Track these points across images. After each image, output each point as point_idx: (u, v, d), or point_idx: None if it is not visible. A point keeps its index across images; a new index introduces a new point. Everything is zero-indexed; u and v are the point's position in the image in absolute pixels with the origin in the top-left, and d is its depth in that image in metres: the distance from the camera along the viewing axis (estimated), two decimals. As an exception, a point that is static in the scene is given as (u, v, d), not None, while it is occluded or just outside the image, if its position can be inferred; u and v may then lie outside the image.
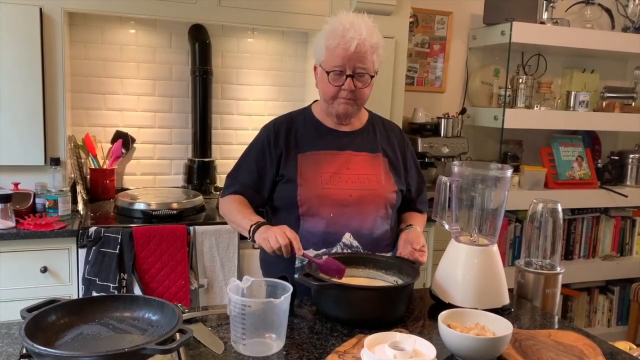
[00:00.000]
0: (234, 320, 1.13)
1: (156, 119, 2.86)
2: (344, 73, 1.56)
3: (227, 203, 1.67)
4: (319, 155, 1.63)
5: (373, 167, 1.66)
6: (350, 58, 1.54)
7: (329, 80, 1.57)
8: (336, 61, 1.55)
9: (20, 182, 2.33)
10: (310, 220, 1.59)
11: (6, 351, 1.10)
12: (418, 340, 1.07)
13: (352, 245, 1.59)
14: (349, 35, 1.52)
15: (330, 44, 1.55)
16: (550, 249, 1.53)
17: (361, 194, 1.61)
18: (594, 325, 3.65)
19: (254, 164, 1.67)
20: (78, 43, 2.67)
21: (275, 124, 1.70)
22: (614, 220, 3.59)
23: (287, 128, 1.67)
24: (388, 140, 1.74)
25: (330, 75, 1.57)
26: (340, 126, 1.68)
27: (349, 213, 1.58)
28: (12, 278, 2.14)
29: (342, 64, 1.55)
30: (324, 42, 1.57)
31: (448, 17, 3.34)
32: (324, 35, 1.58)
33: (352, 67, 1.55)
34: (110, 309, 1.14)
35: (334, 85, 1.57)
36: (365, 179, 1.63)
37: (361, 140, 1.69)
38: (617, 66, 3.75)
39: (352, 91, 1.57)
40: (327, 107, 1.65)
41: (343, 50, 1.53)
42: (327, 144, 1.65)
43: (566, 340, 1.24)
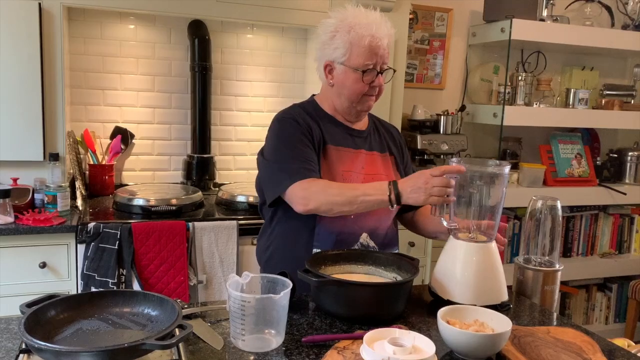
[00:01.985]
0: (234, 316, 1.13)
1: (155, 114, 2.85)
2: (375, 69, 1.53)
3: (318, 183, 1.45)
4: (340, 151, 1.59)
5: (385, 167, 1.65)
6: (381, 55, 1.52)
7: (361, 79, 1.52)
8: (368, 58, 1.51)
9: (19, 178, 2.33)
10: (327, 220, 1.53)
11: (5, 346, 1.10)
12: (417, 337, 1.07)
13: (368, 245, 1.59)
14: (382, 32, 1.50)
15: (359, 41, 1.49)
16: (549, 246, 1.53)
17: None
18: (592, 323, 3.66)
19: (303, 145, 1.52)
20: (77, 38, 2.66)
21: (293, 113, 1.59)
22: (613, 217, 3.60)
23: (308, 118, 1.58)
24: (391, 139, 1.74)
25: (364, 73, 1.52)
26: (350, 123, 1.65)
27: (366, 214, 1.55)
28: (11, 273, 2.14)
29: (375, 61, 1.52)
30: (345, 39, 1.50)
31: (448, 14, 3.34)
32: (343, 31, 1.51)
33: (381, 64, 1.53)
34: (110, 304, 1.14)
35: (366, 83, 1.53)
36: (378, 179, 1.61)
37: (371, 139, 1.68)
38: (616, 64, 3.75)
39: (380, 87, 1.57)
40: (348, 105, 1.59)
41: (376, 47, 1.50)
42: (345, 141, 1.61)
43: (565, 337, 1.25)
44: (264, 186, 1.59)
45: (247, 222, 2.38)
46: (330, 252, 1.51)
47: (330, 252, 1.51)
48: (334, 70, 1.57)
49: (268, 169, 1.56)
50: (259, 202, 1.69)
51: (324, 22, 1.57)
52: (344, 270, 1.49)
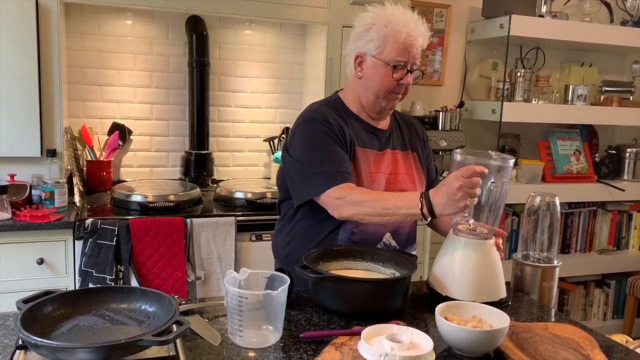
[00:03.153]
0: (231, 312, 1.13)
1: (153, 110, 2.85)
2: (405, 67, 1.52)
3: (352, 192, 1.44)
4: (366, 153, 1.58)
5: (407, 166, 1.64)
6: (413, 55, 1.51)
7: (391, 74, 1.51)
8: (401, 55, 1.50)
9: (17, 174, 2.32)
10: (352, 222, 1.53)
11: (2, 342, 1.10)
12: (415, 333, 1.07)
13: (390, 244, 1.59)
14: (418, 32, 1.49)
15: (396, 37, 1.48)
16: (548, 243, 1.53)
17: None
18: (590, 319, 3.67)
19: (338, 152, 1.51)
20: (74, 34, 2.65)
21: (324, 114, 1.55)
22: (611, 214, 3.60)
23: (338, 117, 1.56)
24: (412, 135, 1.72)
25: (395, 69, 1.51)
26: (375, 122, 1.63)
27: None
28: (8, 270, 2.14)
29: (406, 59, 1.51)
30: (382, 33, 1.49)
31: (447, 10, 3.33)
32: (382, 24, 1.50)
33: (412, 63, 1.53)
34: (107, 300, 1.14)
35: (394, 79, 1.52)
36: (402, 178, 1.61)
37: (394, 138, 1.67)
38: (615, 60, 3.74)
39: (407, 87, 1.56)
40: (373, 100, 1.57)
41: (410, 45, 1.49)
42: (371, 142, 1.60)
43: (563, 333, 1.25)
44: (292, 186, 1.57)
45: (245, 219, 2.38)
46: (328, 249, 1.50)
47: (329, 249, 1.50)
48: (364, 63, 1.56)
49: (298, 170, 1.54)
50: (279, 198, 1.67)
51: (360, 15, 1.57)
52: (342, 267, 1.49)
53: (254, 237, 2.40)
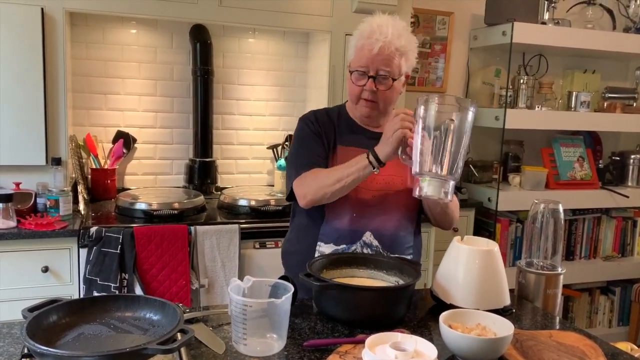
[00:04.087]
0: (235, 321, 1.13)
1: (157, 119, 2.86)
2: (366, 74, 1.57)
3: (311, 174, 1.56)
4: (351, 151, 1.61)
5: (398, 169, 1.63)
6: (373, 60, 1.54)
7: (352, 80, 1.60)
8: (361, 62, 1.56)
9: (22, 182, 2.34)
10: (334, 216, 1.60)
11: (7, 351, 1.10)
12: (419, 341, 1.06)
13: (371, 244, 1.59)
14: (374, 37, 1.53)
15: (358, 44, 1.57)
16: (552, 250, 1.53)
17: (384, 194, 1.61)
18: (595, 326, 3.65)
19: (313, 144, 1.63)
20: (79, 43, 2.67)
21: (314, 114, 1.71)
22: (615, 220, 3.58)
23: (326, 119, 1.68)
24: None
25: (354, 74, 1.59)
26: (369, 126, 1.68)
27: (371, 212, 1.59)
28: (13, 278, 2.15)
29: (366, 65, 1.56)
30: (354, 42, 1.60)
31: (449, 18, 3.34)
32: (355, 35, 1.60)
33: (375, 69, 1.56)
34: (112, 308, 1.14)
35: (357, 85, 1.59)
36: (390, 179, 1.62)
37: None
38: (618, 67, 3.75)
39: (373, 93, 1.57)
40: (352, 107, 1.67)
41: (367, 51, 1.54)
42: (357, 142, 1.64)
43: (567, 340, 1.24)
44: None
45: (249, 226, 2.38)
46: (332, 256, 1.51)
47: (333, 256, 1.51)
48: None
49: (287, 167, 1.71)
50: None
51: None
52: (346, 274, 1.49)
53: (258, 244, 2.41)
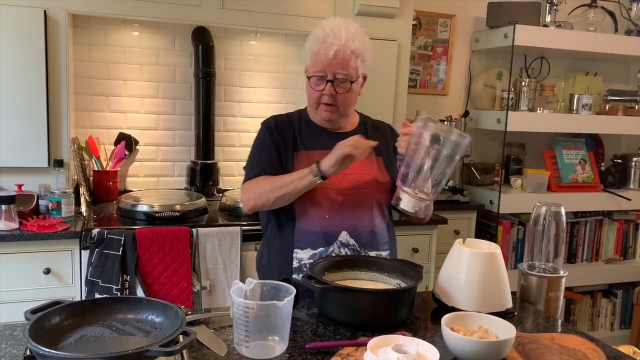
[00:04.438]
0: (237, 323, 1.13)
1: (159, 121, 2.86)
2: (324, 78, 1.57)
3: (257, 181, 1.60)
4: (314, 154, 1.62)
5: (366, 167, 1.66)
6: (330, 64, 1.55)
7: (310, 85, 1.61)
8: (317, 67, 1.57)
9: (24, 184, 2.34)
10: (306, 220, 1.59)
11: (10, 352, 1.10)
12: (421, 344, 1.06)
13: (348, 243, 1.59)
14: (329, 41, 1.54)
15: (313, 49, 1.58)
16: (554, 252, 1.53)
17: (356, 192, 1.62)
18: (597, 329, 3.64)
19: (265, 153, 1.65)
20: (81, 45, 2.68)
21: (275, 119, 1.71)
22: (617, 223, 3.58)
23: (287, 125, 1.69)
24: (379, 140, 1.71)
25: (312, 80, 1.59)
26: (331, 128, 1.70)
27: (344, 212, 1.59)
28: (15, 279, 2.15)
29: (323, 70, 1.56)
30: (309, 48, 1.60)
31: (451, 20, 3.34)
32: (310, 40, 1.61)
33: (332, 73, 1.56)
34: (114, 310, 1.14)
35: (316, 90, 1.60)
36: (360, 178, 1.64)
37: None
38: (620, 69, 3.75)
39: (332, 96, 1.59)
40: (313, 112, 1.68)
41: (323, 56, 1.55)
42: (321, 144, 1.64)
43: (569, 343, 1.24)
44: None
45: (251, 228, 2.38)
46: (334, 259, 1.51)
47: (335, 259, 1.51)
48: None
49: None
50: None
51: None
52: (348, 277, 1.49)
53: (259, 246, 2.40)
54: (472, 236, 3.07)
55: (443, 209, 2.99)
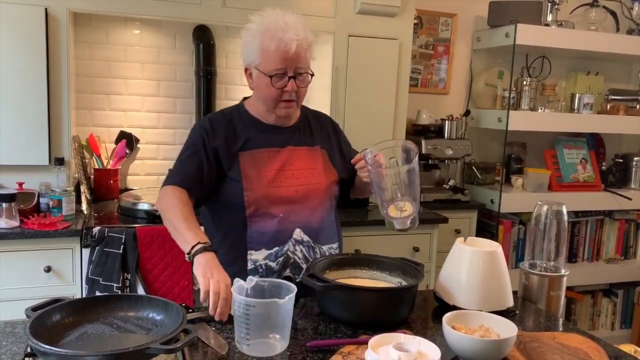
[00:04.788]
0: (238, 321, 1.13)
1: (160, 119, 2.86)
2: (286, 75, 1.51)
3: (168, 196, 1.52)
4: (260, 153, 1.58)
5: (313, 161, 1.64)
6: (291, 60, 1.49)
7: (271, 84, 1.51)
8: (277, 63, 1.49)
9: (25, 182, 2.34)
10: (259, 221, 1.54)
11: (11, 350, 1.10)
12: (422, 342, 1.06)
13: (302, 240, 1.56)
14: (288, 37, 1.47)
15: (268, 46, 1.48)
16: (555, 252, 1.53)
17: (306, 188, 1.59)
18: (598, 329, 3.64)
19: (195, 158, 1.57)
20: (83, 43, 2.68)
21: (210, 121, 1.62)
22: (618, 223, 3.58)
23: (225, 125, 1.61)
24: (322, 131, 1.73)
25: (273, 78, 1.50)
26: (278, 123, 1.64)
27: (297, 209, 1.56)
28: (15, 277, 2.15)
29: (284, 66, 1.50)
30: (257, 44, 1.50)
31: (452, 19, 3.34)
32: (257, 35, 1.50)
33: (292, 69, 1.51)
34: (115, 308, 1.14)
35: (277, 88, 1.52)
36: (308, 173, 1.61)
37: (300, 135, 1.66)
38: (621, 69, 3.74)
39: (295, 92, 1.54)
40: (265, 109, 1.60)
41: (283, 52, 1.48)
42: (268, 141, 1.60)
43: (571, 342, 1.24)
44: None
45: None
46: (335, 257, 1.51)
47: (335, 257, 1.51)
48: (252, 75, 1.57)
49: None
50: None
51: (245, 26, 1.56)
52: (349, 275, 1.49)
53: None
54: (473, 235, 3.06)
55: (444, 208, 2.99)
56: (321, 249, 1.59)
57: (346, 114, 2.77)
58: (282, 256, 1.53)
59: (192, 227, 1.42)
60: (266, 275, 1.52)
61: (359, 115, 2.79)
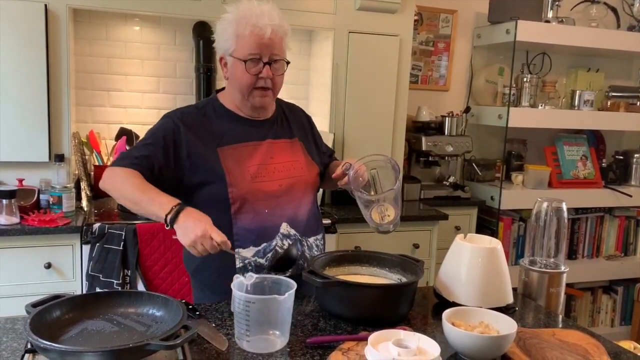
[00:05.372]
0: (238, 317, 1.13)
1: (160, 116, 2.84)
2: (260, 60, 1.50)
3: (119, 175, 1.44)
4: (240, 147, 1.55)
5: (294, 153, 1.63)
6: (266, 45, 1.48)
7: (245, 69, 1.49)
8: (252, 48, 1.48)
9: (25, 178, 2.34)
10: (244, 218, 1.50)
11: (11, 346, 1.10)
12: (422, 338, 1.06)
13: (289, 234, 1.54)
14: (263, 22, 1.46)
15: (243, 32, 1.47)
16: (555, 248, 1.53)
17: (290, 181, 1.57)
18: (598, 325, 3.65)
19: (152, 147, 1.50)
20: (82, 40, 2.67)
21: (182, 115, 1.56)
22: (618, 220, 3.58)
23: (198, 119, 1.56)
24: (297, 123, 1.72)
25: (247, 63, 1.48)
26: (255, 115, 1.62)
27: (282, 203, 1.54)
28: (16, 274, 2.15)
29: (259, 51, 1.48)
30: (232, 31, 1.49)
31: (453, 16, 3.33)
32: (232, 23, 1.49)
33: (267, 55, 1.50)
34: (115, 304, 1.15)
35: (252, 74, 1.49)
36: (290, 166, 1.59)
37: (277, 127, 1.65)
38: (622, 65, 3.74)
39: (269, 79, 1.52)
40: (240, 98, 1.56)
41: (258, 37, 1.46)
42: (246, 135, 1.57)
43: (570, 339, 1.24)
44: None
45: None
46: (335, 254, 1.51)
47: (335, 254, 1.51)
48: (227, 63, 1.56)
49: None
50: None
51: (222, 16, 1.55)
52: (349, 272, 1.49)
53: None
54: (473, 232, 3.07)
55: (444, 205, 3.00)
56: (307, 242, 1.58)
57: (346, 110, 2.77)
58: (270, 252, 1.50)
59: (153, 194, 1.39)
60: (256, 273, 1.49)
61: (359, 112, 2.79)
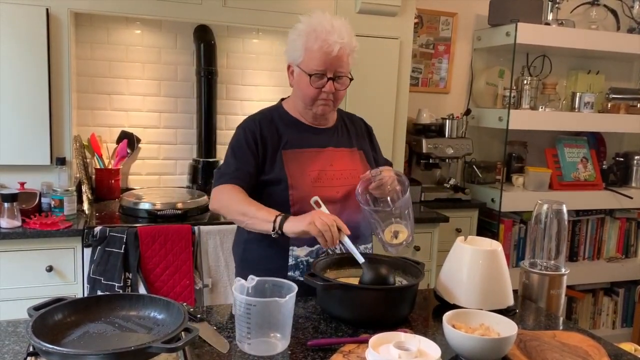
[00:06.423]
0: (239, 320, 1.14)
1: (161, 119, 2.87)
2: (325, 76, 1.55)
3: (224, 193, 1.56)
4: (303, 152, 1.62)
5: (353, 162, 1.68)
6: (332, 62, 1.54)
7: (310, 83, 1.56)
8: (318, 64, 1.54)
9: (26, 182, 2.34)
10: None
11: (13, 349, 1.11)
12: (423, 341, 1.07)
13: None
14: (332, 39, 1.51)
15: (312, 46, 1.53)
16: (555, 250, 1.53)
17: (346, 189, 1.61)
18: (599, 327, 3.64)
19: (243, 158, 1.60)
20: (84, 43, 2.68)
21: (254, 122, 1.65)
22: (619, 221, 3.58)
23: (268, 124, 1.64)
24: (357, 133, 1.76)
25: (312, 77, 1.55)
26: (316, 123, 1.68)
27: (337, 210, 1.58)
28: (17, 277, 2.15)
29: (325, 68, 1.54)
30: (302, 43, 1.55)
31: (453, 18, 3.34)
32: (303, 35, 1.55)
33: (332, 71, 1.55)
34: (116, 307, 1.15)
35: (315, 88, 1.57)
36: (349, 174, 1.64)
37: (338, 136, 1.70)
38: (622, 67, 3.74)
39: (332, 93, 1.58)
40: (303, 107, 1.64)
41: (325, 53, 1.52)
42: (309, 142, 1.64)
43: (571, 341, 1.24)
44: None
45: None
46: (335, 256, 1.51)
47: (336, 256, 1.51)
48: (294, 72, 1.62)
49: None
50: None
51: (294, 25, 1.61)
52: (350, 274, 1.49)
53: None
54: (473, 234, 3.07)
55: (445, 207, 3.00)
56: (358, 249, 1.59)
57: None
58: (323, 254, 1.55)
59: (260, 206, 1.49)
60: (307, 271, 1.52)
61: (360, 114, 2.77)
